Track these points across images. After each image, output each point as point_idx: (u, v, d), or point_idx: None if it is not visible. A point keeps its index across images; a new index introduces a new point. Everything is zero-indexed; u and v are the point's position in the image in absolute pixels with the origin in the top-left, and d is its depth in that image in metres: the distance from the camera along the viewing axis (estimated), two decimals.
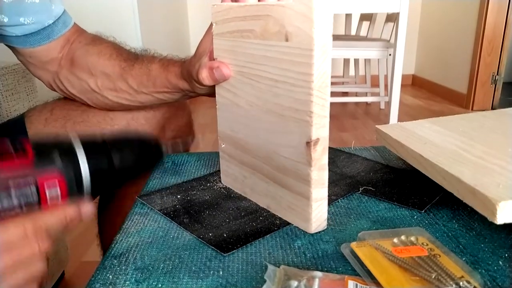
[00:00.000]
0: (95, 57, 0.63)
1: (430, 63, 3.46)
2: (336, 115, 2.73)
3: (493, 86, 2.79)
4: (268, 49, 0.41)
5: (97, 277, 0.36)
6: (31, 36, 0.61)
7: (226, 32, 0.47)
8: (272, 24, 0.39)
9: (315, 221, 0.41)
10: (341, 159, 0.60)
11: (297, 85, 0.38)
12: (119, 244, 0.41)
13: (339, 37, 2.77)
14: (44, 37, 0.62)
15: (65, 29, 0.65)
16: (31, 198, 0.33)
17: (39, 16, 0.60)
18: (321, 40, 0.36)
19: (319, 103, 0.37)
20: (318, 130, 0.38)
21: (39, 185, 0.34)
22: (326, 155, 0.40)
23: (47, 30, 0.62)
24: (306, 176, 0.39)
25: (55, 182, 0.35)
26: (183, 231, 0.43)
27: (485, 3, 2.64)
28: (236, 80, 0.47)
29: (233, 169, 0.51)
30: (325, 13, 0.35)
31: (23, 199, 0.33)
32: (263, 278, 0.34)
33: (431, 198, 0.47)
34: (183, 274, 0.36)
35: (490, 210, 0.35)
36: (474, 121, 0.57)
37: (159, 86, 0.60)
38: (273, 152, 0.44)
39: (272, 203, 0.46)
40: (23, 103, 0.91)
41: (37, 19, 0.60)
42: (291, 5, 0.37)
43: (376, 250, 0.36)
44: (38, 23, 0.60)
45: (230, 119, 0.50)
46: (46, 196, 0.34)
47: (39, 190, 0.34)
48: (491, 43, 2.70)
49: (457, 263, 0.34)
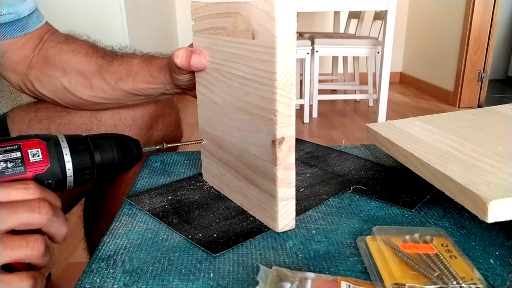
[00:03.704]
0: (70, 55, 0.62)
1: (417, 61, 3.50)
2: (325, 113, 2.74)
3: (479, 83, 2.83)
4: (238, 46, 0.41)
5: (84, 280, 0.35)
6: (5, 27, 0.59)
7: (203, 29, 0.47)
8: (241, 22, 0.39)
9: (282, 220, 0.41)
10: (332, 157, 0.60)
11: (264, 83, 0.38)
12: (107, 246, 0.40)
13: (327, 35, 2.78)
14: (19, 29, 0.61)
15: (39, 23, 0.63)
16: (14, 155, 0.37)
17: (14, 7, 0.59)
18: (283, 39, 0.35)
19: (284, 102, 0.37)
20: (283, 129, 0.38)
21: (22, 147, 0.38)
22: (293, 154, 0.39)
23: (22, 21, 0.61)
24: (272, 175, 0.39)
25: (36, 143, 0.39)
26: (173, 233, 0.42)
27: (471, 2, 2.68)
28: (213, 77, 0.47)
29: (212, 166, 0.51)
30: (288, 12, 0.35)
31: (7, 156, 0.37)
32: (254, 280, 0.33)
33: (422, 197, 0.47)
34: (172, 276, 0.35)
35: (481, 209, 0.35)
36: (464, 119, 0.58)
37: (139, 81, 0.59)
38: (244, 150, 0.44)
39: (245, 201, 0.46)
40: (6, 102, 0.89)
41: (13, 10, 0.59)
42: (256, 3, 0.37)
43: (386, 245, 0.36)
44: (13, 14, 0.59)
45: (208, 116, 0.50)
46: (28, 154, 0.37)
47: (22, 150, 0.37)
48: (477, 41, 2.74)
49: (469, 266, 0.33)
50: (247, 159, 0.43)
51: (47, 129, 0.64)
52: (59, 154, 0.39)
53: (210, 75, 0.47)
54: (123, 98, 0.62)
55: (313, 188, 0.51)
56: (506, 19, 3.46)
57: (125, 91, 0.60)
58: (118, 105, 0.64)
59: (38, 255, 0.33)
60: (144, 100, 0.64)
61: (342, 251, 0.38)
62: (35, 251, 0.33)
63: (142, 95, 0.61)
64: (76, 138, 0.42)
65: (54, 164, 0.39)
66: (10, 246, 0.32)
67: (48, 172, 0.38)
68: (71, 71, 0.61)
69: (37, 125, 0.64)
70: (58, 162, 0.39)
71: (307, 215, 0.45)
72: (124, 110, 0.66)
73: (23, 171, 0.37)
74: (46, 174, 0.38)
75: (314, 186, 0.51)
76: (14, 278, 0.32)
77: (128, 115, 0.67)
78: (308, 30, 3.32)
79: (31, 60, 0.63)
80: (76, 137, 0.42)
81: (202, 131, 0.52)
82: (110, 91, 0.61)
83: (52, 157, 0.39)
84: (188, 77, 0.52)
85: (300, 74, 2.65)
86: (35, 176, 0.38)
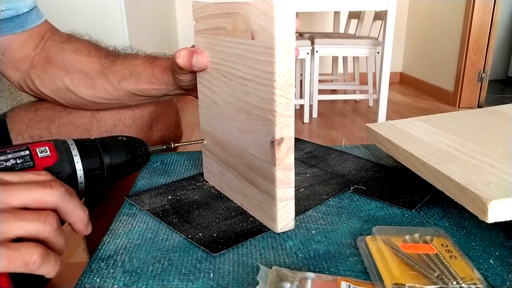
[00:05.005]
0: (72, 55, 0.62)
1: (417, 61, 3.49)
2: (325, 113, 2.74)
3: (479, 84, 2.83)
4: (238, 47, 0.41)
5: (84, 280, 0.35)
6: (4, 23, 0.59)
7: (204, 29, 0.47)
8: (240, 22, 0.39)
9: (281, 220, 0.41)
10: (332, 157, 0.60)
11: (263, 84, 0.38)
12: (107, 246, 0.40)
13: (327, 35, 2.78)
14: (18, 25, 0.61)
15: (39, 21, 0.63)
16: (23, 153, 0.38)
17: (13, 3, 0.59)
18: (282, 39, 0.35)
19: (283, 103, 0.37)
20: (282, 130, 0.38)
21: (30, 146, 0.39)
22: (292, 155, 0.39)
23: (21, 18, 0.61)
24: (271, 175, 0.39)
25: (44, 143, 0.39)
26: (173, 232, 0.42)
27: (472, 3, 2.68)
28: (213, 77, 0.47)
29: (213, 165, 0.51)
30: (287, 12, 0.35)
31: (16, 155, 0.38)
32: (254, 280, 0.33)
33: (422, 197, 0.47)
34: (172, 276, 0.35)
35: (481, 209, 0.35)
36: (464, 120, 0.58)
37: (142, 81, 0.59)
38: (244, 150, 0.44)
39: (245, 201, 0.46)
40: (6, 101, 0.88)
41: (12, 6, 0.59)
42: (256, 3, 0.37)
43: (386, 245, 0.36)
44: (12, 10, 0.59)
45: (209, 116, 0.50)
46: (36, 151, 0.39)
47: (30, 149, 0.39)
48: (477, 41, 2.74)
49: (469, 266, 0.33)
50: (247, 159, 0.43)
51: (47, 129, 0.64)
52: (68, 152, 0.40)
53: (211, 75, 0.47)
54: (125, 98, 0.61)
55: (313, 188, 0.51)
56: (506, 19, 3.46)
57: (127, 91, 0.60)
58: (119, 105, 0.64)
59: (50, 230, 0.32)
60: (146, 101, 0.64)
61: (342, 251, 0.38)
62: (47, 226, 0.31)
63: (145, 96, 0.61)
64: (84, 141, 0.43)
65: (63, 158, 0.40)
66: (21, 218, 0.31)
67: (57, 165, 0.39)
68: (73, 71, 0.61)
69: (37, 125, 0.64)
70: (67, 157, 0.40)
71: (307, 215, 0.45)
72: (124, 110, 0.66)
73: (32, 165, 0.38)
74: (55, 167, 0.39)
75: (314, 186, 0.51)
76: (23, 245, 0.30)
77: (128, 115, 0.67)
78: (308, 30, 3.32)
79: (32, 59, 0.63)
80: (84, 140, 0.43)
81: (203, 131, 0.52)
82: (113, 91, 0.61)
83: (60, 152, 0.40)
84: (190, 77, 0.52)
85: (300, 74, 2.65)
86: (44, 169, 0.38)
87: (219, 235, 0.41)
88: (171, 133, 0.73)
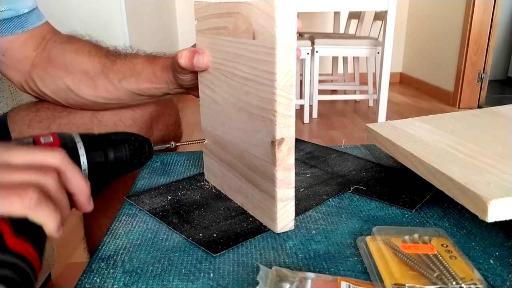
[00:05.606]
0: (73, 55, 0.62)
1: (417, 62, 3.49)
2: (325, 113, 2.74)
3: (479, 84, 2.83)
4: (239, 46, 0.41)
5: (84, 280, 0.35)
6: (4, 23, 0.59)
7: (205, 29, 0.47)
8: (241, 22, 0.39)
9: (281, 221, 0.41)
10: (332, 158, 0.60)
11: (264, 84, 0.38)
12: (107, 246, 0.40)
13: (327, 35, 2.78)
14: (18, 25, 0.61)
15: (39, 22, 0.64)
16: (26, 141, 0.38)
17: (13, 4, 0.59)
18: (283, 39, 0.35)
19: (283, 103, 0.37)
20: (282, 130, 0.38)
21: (35, 137, 0.39)
22: (292, 155, 0.39)
23: (21, 18, 0.61)
24: (272, 175, 0.39)
25: (49, 135, 0.39)
26: (173, 233, 0.42)
27: (472, 3, 2.68)
28: (215, 77, 0.47)
29: (214, 165, 0.52)
30: (288, 12, 0.35)
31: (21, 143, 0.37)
32: (254, 280, 0.33)
33: (422, 197, 0.47)
34: (172, 277, 0.35)
35: (481, 209, 0.35)
36: (464, 120, 0.58)
37: (143, 80, 0.59)
38: (244, 150, 0.44)
39: (245, 201, 0.46)
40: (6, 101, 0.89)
41: (12, 7, 0.59)
42: (257, 3, 0.37)
43: (386, 245, 0.36)
44: (12, 10, 0.59)
45: (210, 116, 0.50)
46: (40, 140, 0.38)
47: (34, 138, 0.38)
48: (477, 42, 2.74)
49: (469, 266, 0.33)
50: (247, 159, 0.43)
51: (48, 129, 0.64)
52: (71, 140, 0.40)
53: (212, 75, 0.48)
54: (126, 98, 0.62)
55: (313, 188, 0.51)
56: (506, 19, 3.46)
57: (128, 90, 0.60)
58: (120, 105, 0.64)
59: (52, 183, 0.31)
60: (147, 100, 0.64)
61: (342, 251, 0.38)
62: (49, 178, 0.31)
63: (145, 95, 0.61)
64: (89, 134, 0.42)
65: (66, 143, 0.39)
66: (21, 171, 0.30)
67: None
68: (74, 71, 0.62)
69: (38, 125, 0.64)
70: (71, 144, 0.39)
71: (307, 215, 0.45)
72: (124, 110, 0.67)
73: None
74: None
75: (314, 186, 0.51)
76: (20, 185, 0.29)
77: (128, 115, 0.67)
78: (308, 30, 3.32)
79: (33, 59, 0.63)
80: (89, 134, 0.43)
81: (204, 131, 0.53)
82: (114, 91, 0.61)
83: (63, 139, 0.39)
84: (191, 77, 0.52)
85: (300, 75, 2.65)
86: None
87: (219, 235, 0.41)
88: (171, 133, 0.73)
